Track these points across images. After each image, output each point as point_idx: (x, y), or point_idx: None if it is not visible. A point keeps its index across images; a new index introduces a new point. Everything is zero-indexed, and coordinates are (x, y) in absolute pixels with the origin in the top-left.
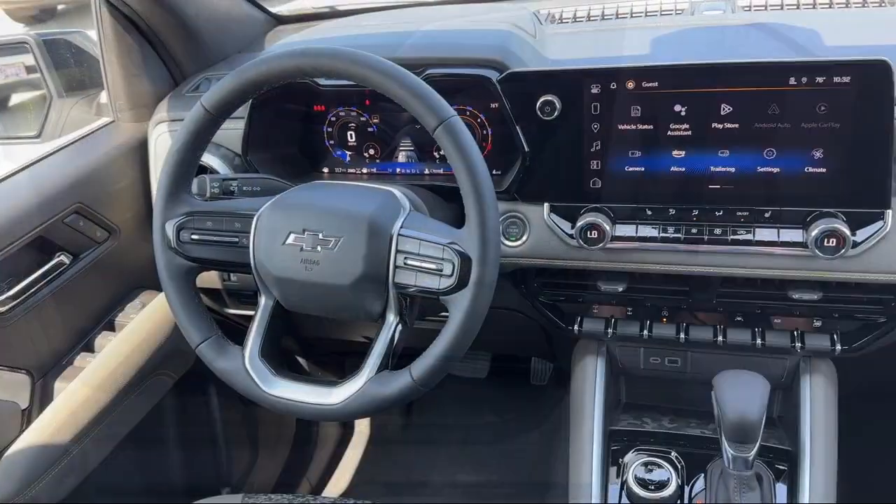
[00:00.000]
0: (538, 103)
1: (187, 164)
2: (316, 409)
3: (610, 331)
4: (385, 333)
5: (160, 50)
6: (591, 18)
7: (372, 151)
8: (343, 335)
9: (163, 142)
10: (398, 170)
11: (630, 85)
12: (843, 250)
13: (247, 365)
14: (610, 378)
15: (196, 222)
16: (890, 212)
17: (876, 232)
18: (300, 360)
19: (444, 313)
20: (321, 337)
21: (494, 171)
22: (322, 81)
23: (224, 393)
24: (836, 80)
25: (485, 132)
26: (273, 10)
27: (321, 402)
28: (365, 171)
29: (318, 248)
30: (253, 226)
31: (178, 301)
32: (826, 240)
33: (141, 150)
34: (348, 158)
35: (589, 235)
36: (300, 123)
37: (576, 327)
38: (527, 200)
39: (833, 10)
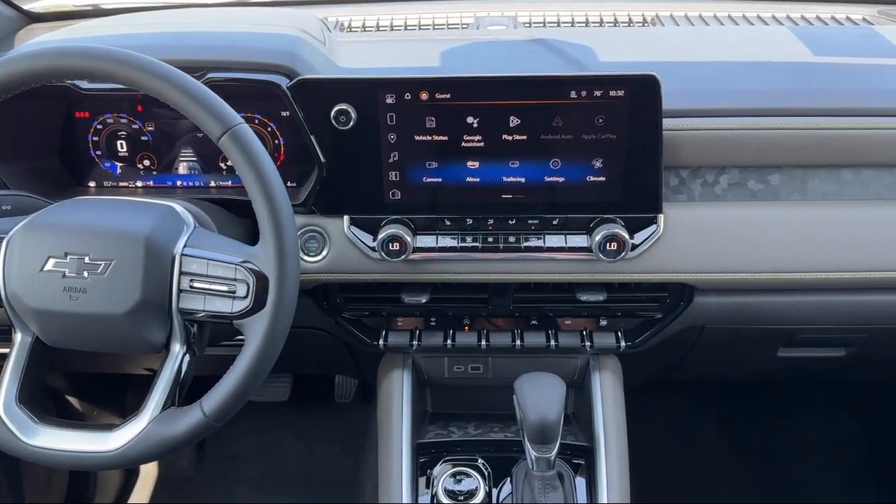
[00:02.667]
0: (332, 112)
1: None
2: (90, 458)
3: (415, 342)
4: (170, 365)
5: None
6: (381, 28)
7: (147, 162)
8: (121, 368)
9: None
10: (179, 182)
11: (424, 96)
12: (623, 253)
13: (1, 413)
14: (416, 390)
15: None
16: (662, 216)
17: (651, 235)
18: (71, 400)
19: (239, 337)
20: (95, 373)
21: (289, 183)
22: (84, 85)
23: None
24: (612, 93)
25: (276, 142)
26: (25, 6)
27: (96, 450)
28: (140, 184)
29: (85, 273)
30: (2, 251)
31: None
32: (608, 244)
33: None
34: (119, 171)
35: (391, 248)
36: (59, 132)
37: (381, 341)
38: (325, 213)
39: (604, 28)
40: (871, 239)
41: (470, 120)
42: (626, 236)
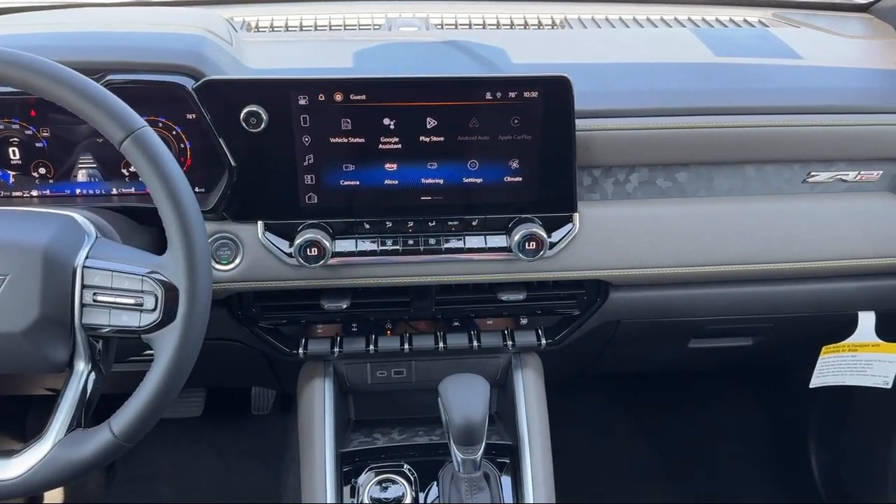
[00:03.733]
0: (242, 114)
1: None
2: None
3: (336, 349)
4: (74, 385)
5: None
6: (290, 29)
7: (43, 171)
8: (20, 389)
9: None
10: (78, 191)
11: (338, 97)
12: (542, 252)
13: None
14: (338, 398)
15: None
16: (577, 215)
17: (567, 234)
18: None
19: (148, 352)
20: None
21: (198, 189)
22: None
23: None
24: (526, 94)
25: (182, 146)
26: None
27: None
28: (35, 193)
29: None
30: None
31: None
32: (527, 243)
33: None
34: (12, 180)
35: (309, 253)
36: None
37: (300, 350)
38: (238, 219)
39: (514, 31)
40: (772, 232)
41: (386, 121)
42: (544, 235)
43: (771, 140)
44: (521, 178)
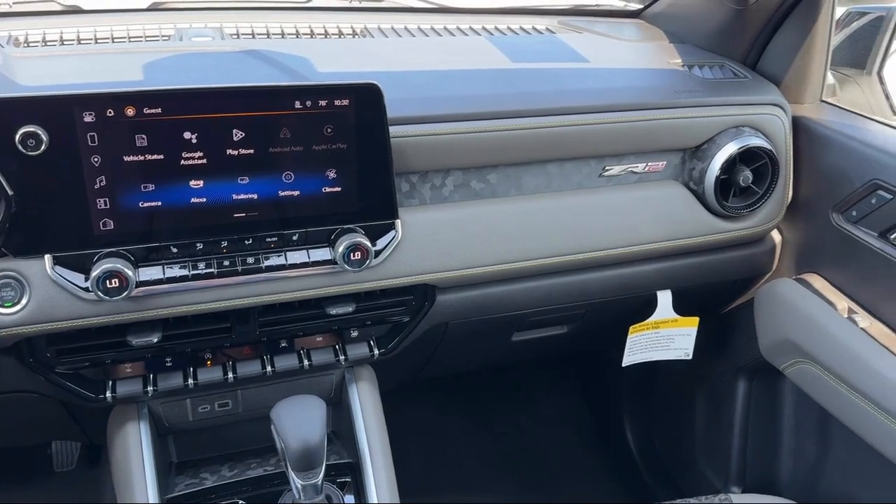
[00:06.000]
0: (17, 136)
1: None
2: None
3: (150, 388)
4: None
5: None
6: (66, 42)
7: None
8: None
9: None
10: None
11: (130, 112)
12: (368, 262)
13: None
14: (157, 440)
15: None
16: (399, 221)
17: (391, 241)
18: None
19: None
20: None
21: None
22: None
23: None
24: (337, 102)
25: None
26: None
27: None
28: None
29: None
30: None
31: None
32: (352, 254)
33: None
34: None
35: (108, 285)
36: None
37: (108, 394)
38: (20, 254)
39: (315, 40)
40: (576, 224)
41: (188, 135)
42: (369, 244)
43: (567, 139)
44: (339, 188)
